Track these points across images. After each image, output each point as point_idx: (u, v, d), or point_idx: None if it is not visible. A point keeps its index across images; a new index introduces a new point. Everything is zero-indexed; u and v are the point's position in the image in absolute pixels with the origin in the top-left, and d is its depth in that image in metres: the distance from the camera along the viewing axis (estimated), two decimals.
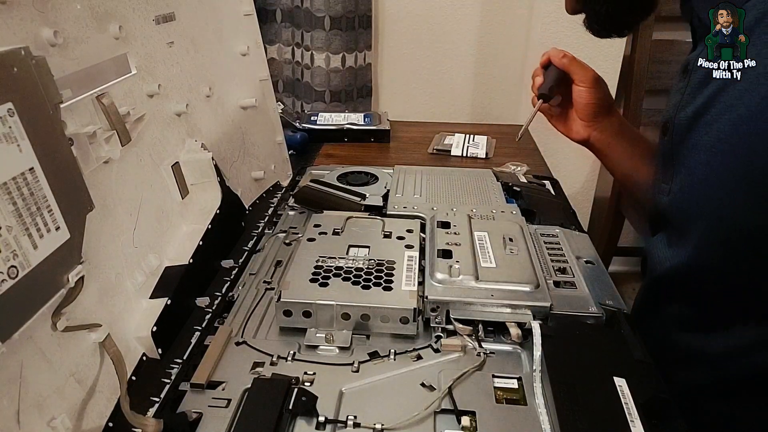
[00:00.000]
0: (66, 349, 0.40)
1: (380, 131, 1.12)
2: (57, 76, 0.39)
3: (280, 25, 1.44)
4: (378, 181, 0.80)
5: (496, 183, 0.78)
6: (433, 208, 0.70)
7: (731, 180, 0.49)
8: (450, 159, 1.05)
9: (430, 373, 0.48)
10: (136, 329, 0.49)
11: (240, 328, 0.54)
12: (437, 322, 0.53)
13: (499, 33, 1.44)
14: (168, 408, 0.45)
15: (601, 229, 1.56)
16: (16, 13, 0.39)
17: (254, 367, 0.49)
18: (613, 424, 0.40)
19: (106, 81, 0.50)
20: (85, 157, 0.45)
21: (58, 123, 0.39)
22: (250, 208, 0.78)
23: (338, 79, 1.39)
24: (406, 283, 0.54)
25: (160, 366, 0.49)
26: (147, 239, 0.54)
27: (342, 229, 0.64)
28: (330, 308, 0.52)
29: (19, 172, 0.35)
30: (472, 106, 1.54)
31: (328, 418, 0.43)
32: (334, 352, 0.51)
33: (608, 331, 0.52)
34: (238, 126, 0.78)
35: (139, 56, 0.56)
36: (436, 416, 0.44)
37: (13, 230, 0.34)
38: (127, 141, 0.51)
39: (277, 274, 0.64)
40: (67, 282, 0.39)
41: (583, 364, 0.46)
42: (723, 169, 0.49)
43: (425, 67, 1.49)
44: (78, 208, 0.41)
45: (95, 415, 0.42)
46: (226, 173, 0.70)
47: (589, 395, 0.43)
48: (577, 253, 0.63)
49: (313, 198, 0.76)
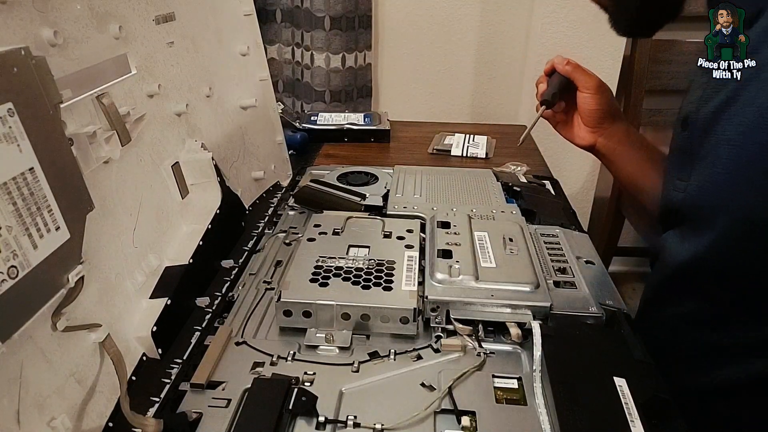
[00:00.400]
0: (66, 349, 0.40)
1: (380, 131, 1.12)
2: (57, 76, 0.39)
3: (280, 25, 1.44)
4: (378, 181, 0.80)
5: (496, 183, 0.78)
6: (433, 208, 0.70)
7: (757, 173, 0.49)
8: (450, 159, 1.05)
9: (430, 373, 0.48)
10: (136, 329, 0.49)
11: (240, 328, 0.54)
12: (437, 322, 0.53)
13: (499, 33, 1.44)
14: (168, 408, 0.45)
15: (601, 229, 1.56)
16: (16, 13, 0.39)
17: (254, 367, 0.49)
18: (613, 424, 0.40)
19: (106, 81, 0.50)
20: (85, 157, 0.45)
21: (58, 123, 0.39)
22: (250, 208, 0.78)
23: (338, 79, 1.39)
24: (406, 283, 0.54)
25: (160, 366, 0.49)
26: (147, 239, 0.54)
27: (342, 229, 0.64)
28: (330, 308, 0.52)
29: (19, 172, 0.35)
30: (472, 106, 1.54)
31: (328, 418, 0.43)
32: (334, 352, 0.51)
33: (608, 331, 0.52)
34: (238, 126, 0.78)
35: (139, 56, 0.56)
36: (436, 416, 0.44)
37: (13, 230, 0.34)
38: (127, 141, 0.51)
39: (277, 274, 0.64)
40: (67, 282, 0.39)
41: (583, 364, 0.46)
42: (748, 162, 0.49)
43: (425, 67, 1.49)
44: (78, 208, 0.41)
45: (95, 415, 0.42)
46: (226, 173, 0.70)
47: (589, 395, 0.43)
48: (577, 253, 0.63)
49: (313, 198, 0.76)
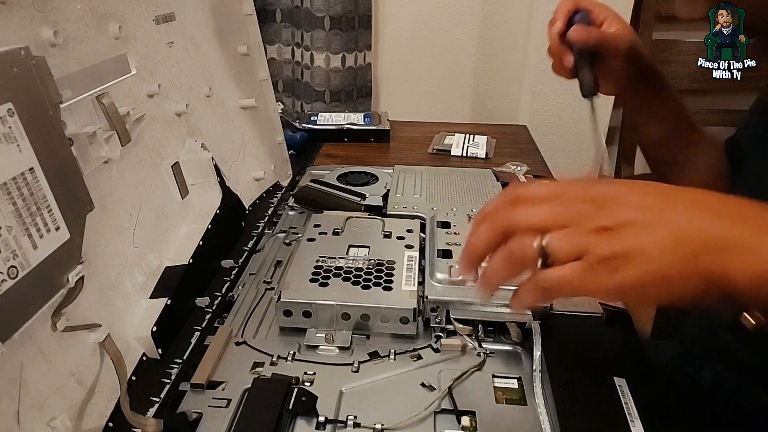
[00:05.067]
0: (66, 349, 0.40)
1: (380, 131, 1.12)
2: (57, 76, 0.39)
3: (280, 25, 1.44)
4: (378, 181, 0.80)
5: (496, 183, 0.78)
6: (433, 208, 0.70)
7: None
8: (450, 159, 1.05)
9: (430, 373, 0.48)
10: (136, 329, 0.49)
11: (240, 328, 0.54)
12: (437, 322, 0.53)
13: (499, 33, 1.44)
14: (168, 408, 0.45)
15: None
16: (16, 13, 0.39)
17: (254, 367, 0.49)
18: (613, 424, 0.40)
19: (106, 81, 0.50)
20: (85, 157, 0.45)
21: (58, 123, 0.39)
22: (250, 208, 0.78)
23: (338, 79, 1.39)
24: (406, 283, 0.54)
25: (160, 366, 0.49)
26: (147, 239, 0.54)
27: (342, 229, 0.64)
28: (330, 308, 0.52)
29: (19, 172, 0.35)
30: (472, 106, 1.54)
31: (328, 418, 0.43)
32: (334, 352, 0.51)
33: (608, 331, 0.52)
34: (238, 126, 0.78)
35: (139, 56, 0.56)
36: (436, 416, 0.44)
37: (13, 230, 0.34)
38: (127, 141, 0.51)
39: (277, 274, 0.64)
40: (67, 282, 0.39)
41: (583, 364, 0.46)
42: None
43: (425, 67, 1.49)
44: (78, 208, 0.41)
45: (95, 415, 0.42)
46: (226, 173, 0.70)
47: (589, 395, 0.43)
48: None
49: (313, 198, 0.76)
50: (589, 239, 0.35)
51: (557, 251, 0.36)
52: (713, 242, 0.34)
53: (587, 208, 0.36)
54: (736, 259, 0.33)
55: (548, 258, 0.36)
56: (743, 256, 0.33)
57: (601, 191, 0.36)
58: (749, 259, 0.33)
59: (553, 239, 0.36)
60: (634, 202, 0.35)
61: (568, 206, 0.36)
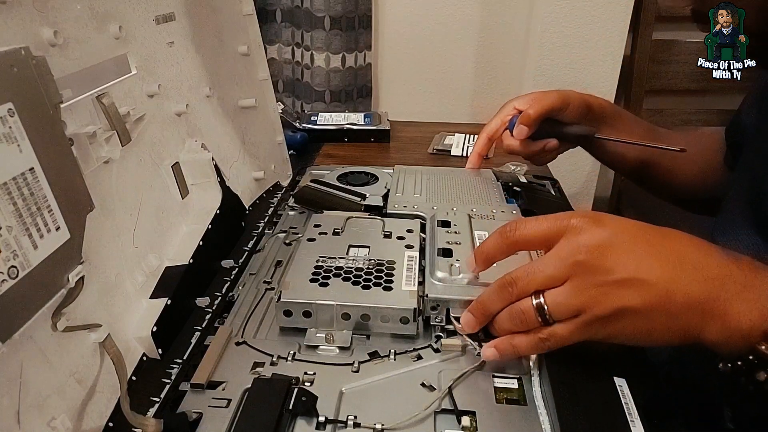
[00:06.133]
0: (66, 349, 0.40)
1: (380, 131, 1.12)
2: (57, 76, 0.39)
3: (280, 25, 1.44)
4: (378, 181, 0.80)
5: (496, 183, 0.78)
6: (433, 207, 0.70)
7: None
8: (450, 159, 1.05)
9: (430, 373, 0.48)
10: (136, 329, 0.49)
11: (240, 328, 0.54)
12: (437, 320, 0.53)
13: (499, 33, 1.44)
14: (168, 408, 0.45)
15: None
16: (16, 13, 0.39)
17: (254, 367, 0.49)
18: (613, 424, 0.40)
19: (106, 81, 0.50)
20: (85, 157, 0.45)
21: (58, 123, 0.39)
22: (250, 208, 0.78)
23: (338, 79, 1.39)
24: (406, 283, 0.54)
25: (160, 366, 0.49)
26: (147, 239, 0.54)
27: (342, 229, 0.64)
28: (330, 308, 0.52)
29: (19, 172, 0.35)
30: (472, 106, 1.54)
31: (328, 418, 0.43)
32: (334, 352, 0.51)
33: None
34: (238, 126, 0.78)
35: (139, 56, 0.56)
36: (436, 416, 0.44)
37: (13, 230, 0.34)
38: (127, 141, 0.51)
39: (277, 274, 0.64)
40: (67, 282, 0.39)
41: (583, 364, 0.46)
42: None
43: (425, 67, 1.49)
44: (78, 208, 0.41)
45: (95, 415, 0.42)
46: (226, 173, 0.70)
47: (589, 395, 0.43)
48: None
49: (313, 198, 0.76)
50: (586, 299, 0.40)
51: (556, 314, 0.42)
52: (693, 305, 0.39)
53: (581, 265, 0.40)
54: (710, 322, 0.39)
55: (548, 317, 0.42)
56: (716, 319, 0.38)
57: (593, 243, 0.40)
58: (720, 323, 0.38)
59: (550, 303, 0.41)
60: (624, 259, 0.40)
61: (563, 263, 0.41)
